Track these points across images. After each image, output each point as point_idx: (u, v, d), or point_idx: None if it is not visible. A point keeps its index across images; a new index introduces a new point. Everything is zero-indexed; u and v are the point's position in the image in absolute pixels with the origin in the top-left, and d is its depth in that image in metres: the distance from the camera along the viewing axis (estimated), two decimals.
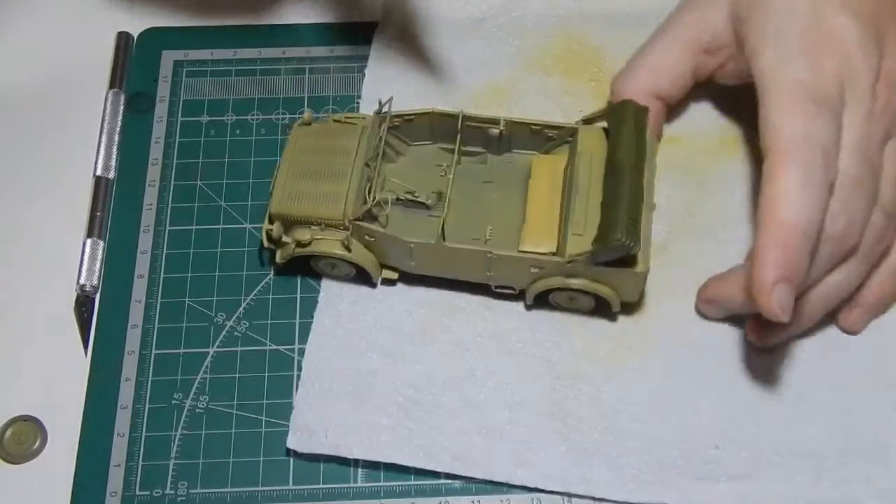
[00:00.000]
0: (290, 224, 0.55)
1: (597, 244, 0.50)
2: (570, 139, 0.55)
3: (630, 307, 0.55)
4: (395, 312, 0.56)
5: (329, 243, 0.55)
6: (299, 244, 0.55)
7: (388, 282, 0.57)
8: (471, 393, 0.54)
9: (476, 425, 0.53)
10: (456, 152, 0.55)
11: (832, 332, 0.55)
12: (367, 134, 0.56)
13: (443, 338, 0.55)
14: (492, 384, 0.54)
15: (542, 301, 0.55)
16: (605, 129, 0.55)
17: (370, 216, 0.54)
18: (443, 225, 0.52)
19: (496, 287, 0.55)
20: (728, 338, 0.55)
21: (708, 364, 0.54)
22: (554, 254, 0.52)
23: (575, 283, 0.52)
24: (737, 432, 0.52)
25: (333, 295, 0.57)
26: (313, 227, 0.55)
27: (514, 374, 0.54)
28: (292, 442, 0.52)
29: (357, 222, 0.54)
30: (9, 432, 0.54)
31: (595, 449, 0.52)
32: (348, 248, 0.54)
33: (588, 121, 0.55)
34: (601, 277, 0.52)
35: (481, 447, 0.52)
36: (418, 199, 0.55)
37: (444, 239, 0.52)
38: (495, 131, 0.55)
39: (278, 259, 0.56)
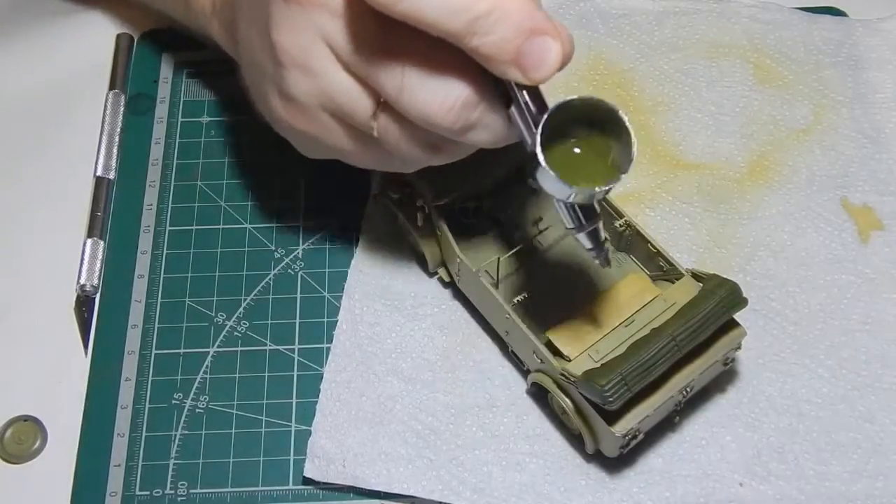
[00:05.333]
0: (399, 176, 0.54)
1: (584, 374, 0.48)
2: (674, 280, 0.53)
3: None
4: (416, 337, 0.56)
5: (408, 210, 0.55)
6: (389, 195, 0.55)
7: (443, 283, 0.57)
8: (491, 424, 0.53)
9: (496, 457, 0.52)
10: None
11: (864, 372, 0.54)
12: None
13: (464, 365, 0.55)
14: (512, 415, 0.53)
15: (541, 397, 0.53)
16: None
17: (450, 212, 0.54)
18: (498, 262, 0.52)
19: (511, 351, 0.54)
20: (753, 371, 0.54)
21: (732, 397, 0.54)
22: (556, 355, 0.50)
23: (562, 397, 0.50)
24: (761, 469, 0.52)
25: (354, 316, 0.56)
26: (410, 189, 0.54)
27: (535, 406, 0.54)
28: (309, 470, 0.52)
29: (435, 209, 0.54)
30: (9, 432, 0.54)
31: (616, 484, 0.51)
32: (418, 225, 0.54)
33: (697, 276, 0.52)
34: (586, 411, 0.49)
35: (501, 480, 0.51)
36: (513, 231, 0.55)
37: (496, 278, 0.52)
38: (617, 224, 0.54)
39: (373, 187, 0.58)
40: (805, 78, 0.64)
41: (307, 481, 0.52)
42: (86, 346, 0.56)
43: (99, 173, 0.61)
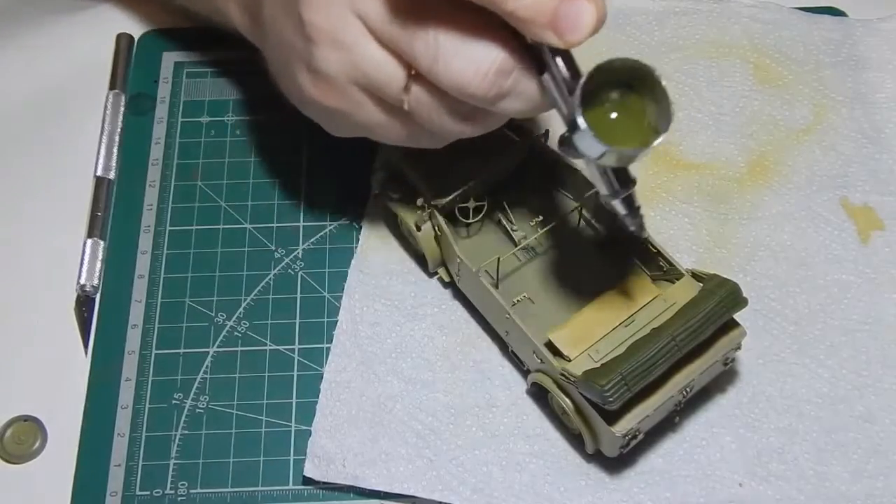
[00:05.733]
0: (400, 172, 0.54)
1: (584, 374, 0.48)
2: (674, 280, 0.52)
3: None
4: (416, 337, 0.56)
5: (407, 211, 0.55)
6: (389, 195, 0.55)
7: (443, 283, 0.57)
8: (491, 424, 0.53)
9: (496, 457, 0.52)
10: (579, 219, 0.55)
11: (864, 372, 0.54)
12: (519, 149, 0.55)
13: (464, 365, 0.55)
14: (512, 415, 0.53)
15: (541, 397, 0.53)
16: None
17: (450, 212, 0.54)
18: (498, 261, 0.52)
19: (511, 351, 0.54)
20: (753, 372, 0.54)
21: (732, 397, 0.54)
22: (556, 355, 0.50)
23: (562, 397, 0.50)
24: (761, 469, 0.52)
25: (354, 316, 0.56)
26: (410, 189, 0.54)
27: (535, 406, 0.54)
28: (309, 469, 0.52)
29: (435, 209, 0.53)
30: (9, 432, 0.54)
31: (616, 484, 0.51)
32: (418, 227, 0.54)
33: (697, 276, 0.52)
34: (586, 411, 0.49)
35: (501, 480, 0.51)
36: (512, 230, 0.55)
37: (496, 278, 0.52)
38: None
39: (373, 187, 0.58)
40: (805, 78, 0.64)
41: (307, 481, 0.52)
42: (86, 346, 0.56)
43: (99, 173, 0.61)
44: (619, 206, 0.47)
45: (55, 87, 0.65)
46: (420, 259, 0.57)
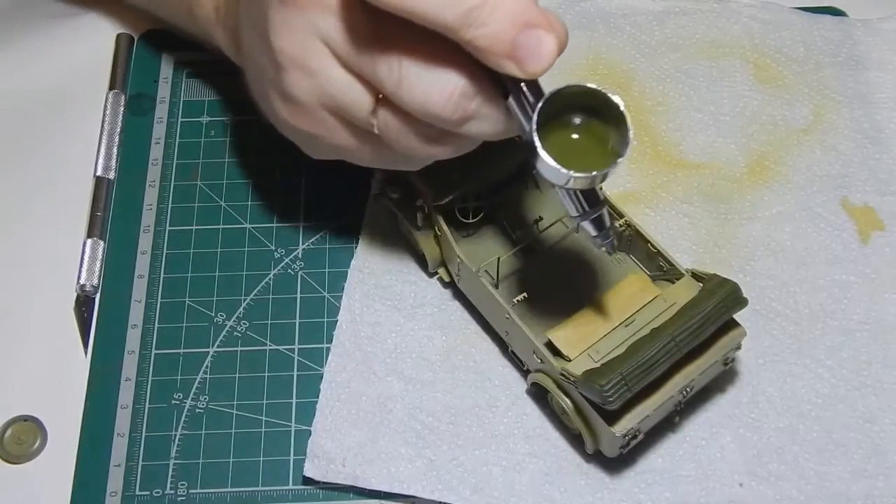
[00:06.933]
0: (400, 173, 0.54)
1: (584, 374, 0.48)
2: (674, 280, 0.52)
3: None
4: (416, 337, 0.56)
5: (408, 210, 0.55)
6: (389, 195, 0.55)
7: (443, 283, 0.57)
8: (491, 424, 0.53)
9: (496, 457, 0.52)
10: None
11: (864, 372, 0.54)
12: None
13: (464, 365, 0.55)
14: (512, 415, 0.53)
15: (541, 397, 0.53)
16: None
17: (450, 212, 0.54)
18: (498, 262, 0.52)
19: (511, 351, 0.54)
20: (753, 372, 0.54)
21: (732, 397, 0.54)
22: (556, 355, 0.50)
23: (562, 397, 0.50)
24: (761, 469, 0.52)
25: (354, 316, 0.56)
26: (410, 189, 0.54)
27: (535, 406, 0.54)
28: (309, 469, 0.52)
29: (435, 209, 0.53)
30: (9, 432, 0.54)
31: (616, 484, 0.51)
32: (418, 227, 0.54)
33: (697, 276, 0.52)
34: (586, 411, 0.49)
35: (501, 480, 0.51)
36: (512, 230, 0.55)
37: (496, 278, 0.52)
38: (618, 224, 0.53)
39: (373, 187, 0.58)
40: (805, 78, 0.64)
41: (307, 481, 0.52)
42: (86, 346, 0.56)
43: (99, 173, 0.61)
44: (588, 227, 0.46)
45: (55, 88, 0.65)
46: (420, 259, 0.57)
